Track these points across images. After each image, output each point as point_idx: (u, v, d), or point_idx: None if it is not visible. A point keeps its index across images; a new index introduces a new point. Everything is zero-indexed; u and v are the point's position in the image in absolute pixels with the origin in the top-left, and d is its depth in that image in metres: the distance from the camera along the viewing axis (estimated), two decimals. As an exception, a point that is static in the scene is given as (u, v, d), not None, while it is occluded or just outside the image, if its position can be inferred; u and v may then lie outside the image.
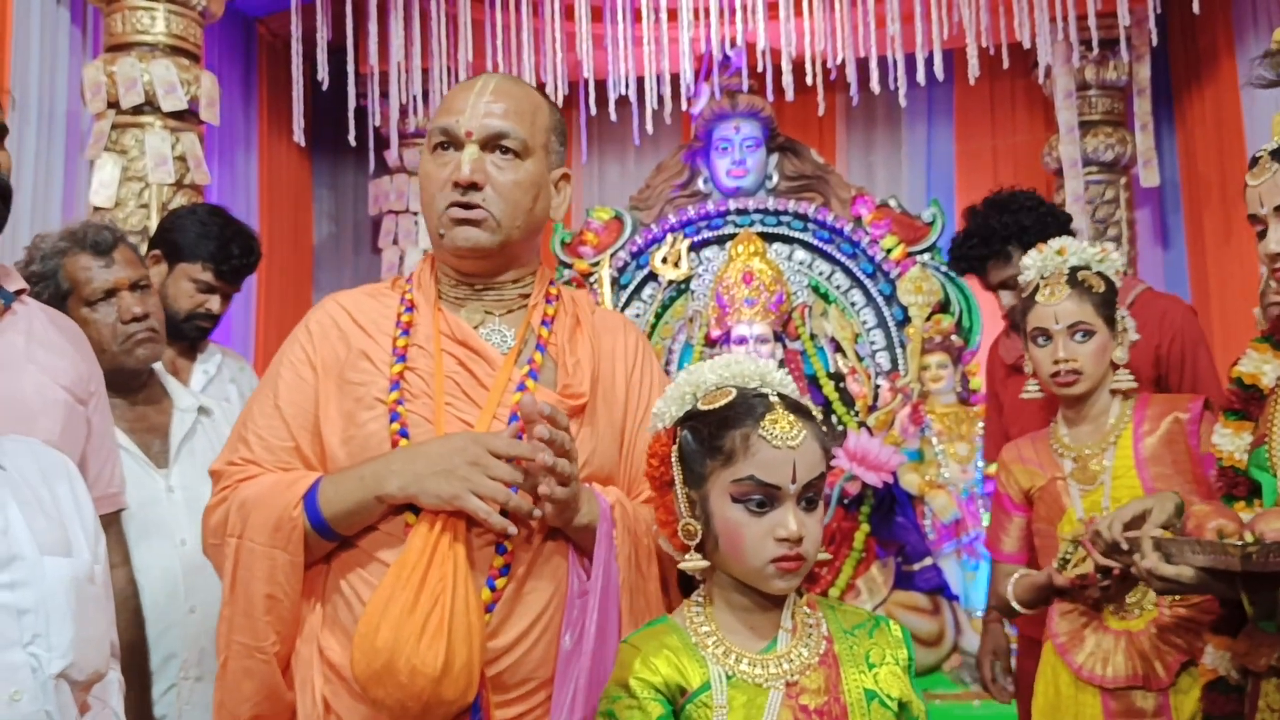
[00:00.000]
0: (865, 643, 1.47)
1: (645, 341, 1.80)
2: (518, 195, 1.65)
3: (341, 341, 1.67)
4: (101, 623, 1.53)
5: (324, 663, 1.57)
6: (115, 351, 2.33)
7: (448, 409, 1.60)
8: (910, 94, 4.76)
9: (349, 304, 1.72)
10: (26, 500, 1.49)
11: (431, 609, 1.46)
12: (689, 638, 1.44)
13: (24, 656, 1.39)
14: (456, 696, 1.46)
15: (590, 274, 4.85)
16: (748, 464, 1.39)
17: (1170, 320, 2.84)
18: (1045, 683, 2.27)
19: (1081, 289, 2.26)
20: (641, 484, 1.68)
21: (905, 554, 4.29)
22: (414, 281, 1.74)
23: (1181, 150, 5.58)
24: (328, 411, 1.63)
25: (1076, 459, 2.27)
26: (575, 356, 1.68)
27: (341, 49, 4.70)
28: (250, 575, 1.57)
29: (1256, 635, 1.82)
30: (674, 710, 1.40)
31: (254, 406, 1.69)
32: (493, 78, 1.70)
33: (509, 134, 1.64)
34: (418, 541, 1.51)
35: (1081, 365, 2.23)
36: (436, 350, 1.64)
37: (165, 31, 4.21)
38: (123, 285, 2.34)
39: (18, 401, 1.81)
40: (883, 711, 1.42)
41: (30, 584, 1.42)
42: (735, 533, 1.40)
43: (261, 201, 5.30)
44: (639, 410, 1.71)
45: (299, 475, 1.61)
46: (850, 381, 4.60)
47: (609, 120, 4.91)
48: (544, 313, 1.71)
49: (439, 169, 1.65)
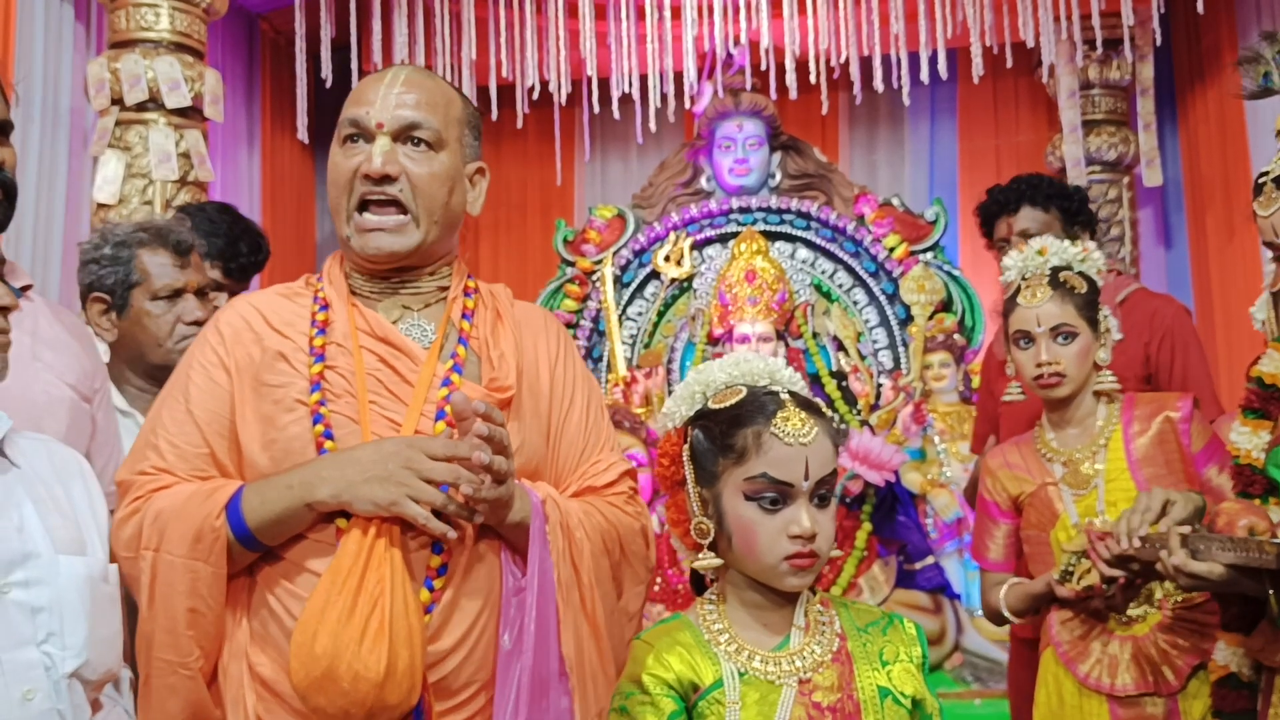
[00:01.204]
0: (879, 640, 1.47)
1: (566, 334, 1.78)
2: (433, 187, 1.61)
3: (255, 343, 1.61)
4: (115, 622, 1.52)
5: (255, 679, 1.52)
6: (168, 349, 2.35)
7: (372, 408, 1.55)
8: (913, 93, 4.76)
9: (260, 304, 1.66)
10: (41, 498, 1.49)
11: (371, 613, 1.43)
12: (702, 635, 1.44)
13: (38, 655, 1.39)
14: (400, 700, 1.44)
15: (593, 272, 4.86)
16: (760, 461, 1.39)
17: (1161, 319, 2.83)
18: (1047, 691, 2.23)
19: (1063, 290, 2.22)
20: (570, 477, 1.67)
21: (907, 553, 4.29)
22: (325, 278, 1.68)
23: (1184, 150, 5.57)
24: (244, 415, 1.57)
25: (1066, 463, 2.24)
26: (499, 349, 1.64)
27: (345, 46, 4.69)
28: (171, 590, 1.50)
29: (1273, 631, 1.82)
30: (686, 707, 1.40)
31: (163, 412, 1.61)
32: (403, 69, 1.66)
33: (422, 124, 1.60)
34: (351, 546, 1.47)
35: (1064, 368, 2.20)
36: (355, 348, 1.59)
37: (169, 28, 4.21)
38: (191, 288, 2.39)
39: (24, 400, 1.81)
40: (896, 709, 1.42)
41: (45, 582, 1.42)
42: (748, 530, 1.40)
43: (265, 198, 5.30)
44: (564, 402, 1.68)
45: (218, 484, 1.54)
46: (852, 380, 4.60)
47: (612, 118, 4.90)
48: (464, 306, 1.67)
49: (347, 160, 1.60)
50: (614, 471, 1.69)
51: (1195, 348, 2.83)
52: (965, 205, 5.83)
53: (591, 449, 1.70)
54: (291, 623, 1.48)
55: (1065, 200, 2.91)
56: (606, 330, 4.81)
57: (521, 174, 6.33)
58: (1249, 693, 1.90)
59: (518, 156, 6.16)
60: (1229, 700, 1.93)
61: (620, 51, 4.73)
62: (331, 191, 1.64)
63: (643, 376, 4.64)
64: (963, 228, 5.75)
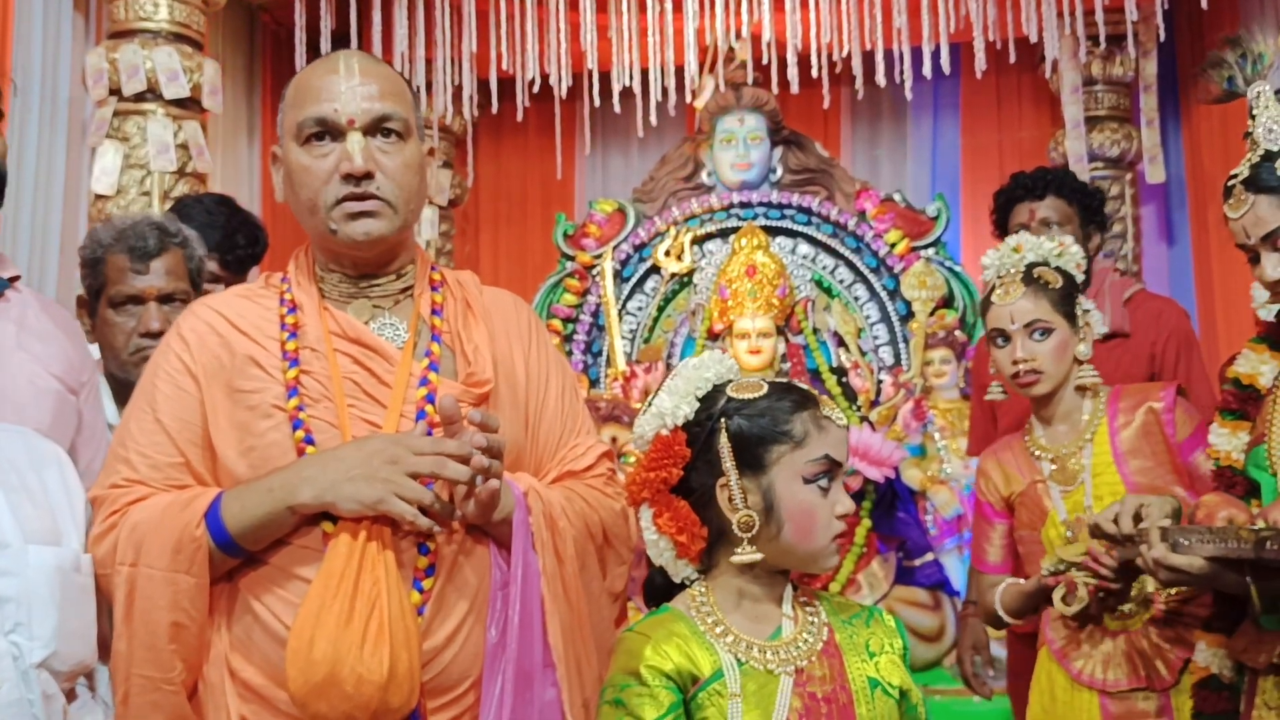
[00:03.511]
0: (863, 632, 1.47)
1: (536, 318, 1.76)
2: (408, 178, 1.59)
3: (223, 348, 1.57)
4: (88, 613, 1.51)
5: (238, 684, 1.49)
6: (123, 360, 2.23)
7: (351, 410, 1.53)
8: (916, 88, 4.74)
9: (223, 307, 1.62)
10: (14, 488, 1.47)
11: (369, 616, 1.41)
12: (696, 625, 1.43)
13: (5, 645, 1.38)
14: (402, 702, 1.43)
15: (593, 266, 4.84)
16: (821, 443, 1.42)
17: (1165, 321, 2.83)
18: (1040, 689, 2.23)
19: (1037, 286, 2.20)
20: (549, 463, 1.66)
21: (906, 549, 4.28)
22: (290, 280, 1.64)
23: (1187, 147, 5.56)
24: (218, 422, 1.54)
25: (1055, 460, 2.22)
26: (473, 342, 1.62)
27: (345, 38, 4.68)
28: (151, 604, 1.46)
29: (1256, 632, 1.81)
30: (684, 699, 1.38)
31: (130, 424, 1.57)
32: (353, 56, 1.62)
33: (392, 116, 1.58)
34: (342, 549, 1.45)
35: (1041, 364, 2.18)
36: (329, 351, 1.56)
37: (168, 18, 4.20)
38: (150, 295, 2.22)
39: (7, 390, 1.80)
40: (885, 699, 1.43)
41: (13, 572, 1.41)
42: (808, 514, 1.42)
43: (263, 191, 5.29)
44: (540, 389, 1.67)
45: (195, 493, 1.51)
46: (853, 376, 4.58)
47: (613, 112, 4.89)
48: (432, 301, 1.65)
49: (318, 161, 1.56)
50: (592, 455, 1.68)
51: (1197, 350, 2.84)
52: (967, 201, 5.83)
53: (569, 433, 1.69)
54: (280, 628, 1.46)
55: (1087, 197, 2.92)
56: (606, 325, 4.80)
57: (522, 168, 6.32)
58: (1230, 694, 1.89)
59: (518, 150, 6.15)
60: (1210, 702, 1.92)
61: (621, 45, 4.71)
62: (302, 194, 1.59)
63: (642, 371, 4.63)
64: (965, 224, 5.74)
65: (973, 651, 2.81)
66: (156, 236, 2.27)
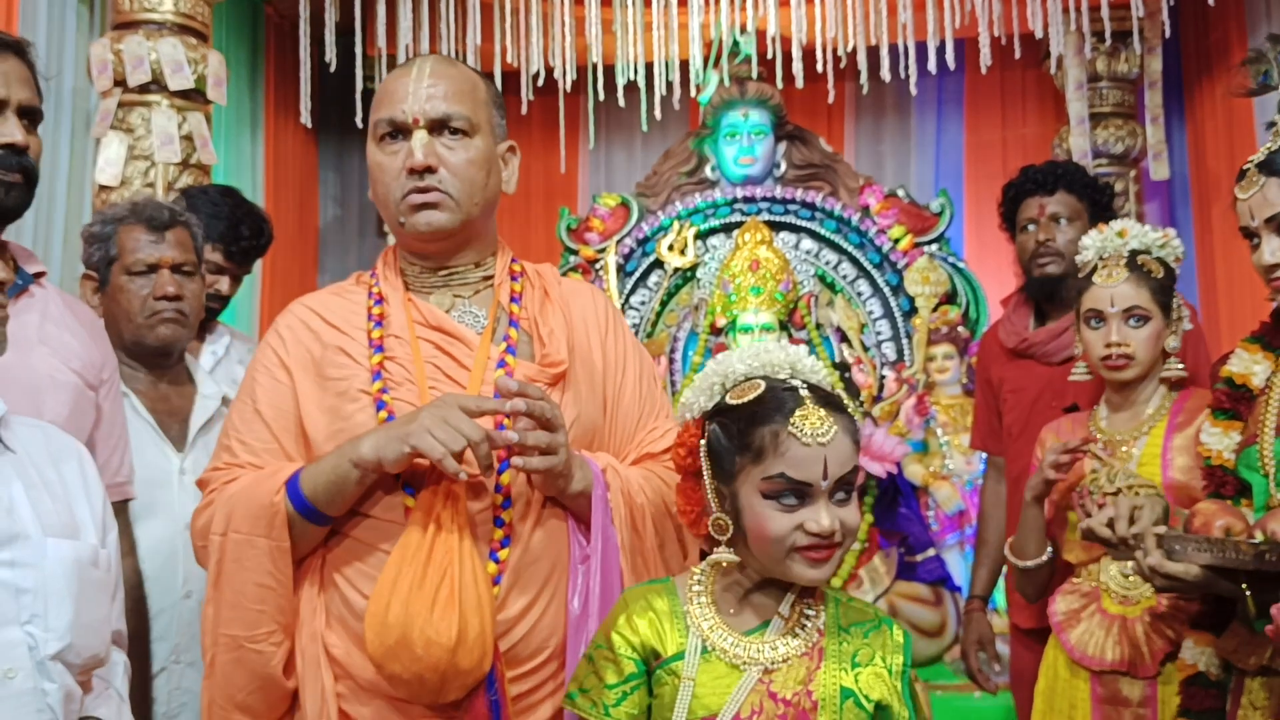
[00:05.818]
0: (857, 641, 1.45)
1: (614, 307, 1.85)
2: (472, 173, 1.69)
3: (314, 340, 1.70)
4: (104, 607, 1.53)
5: (329, 660, 1.60)
6: (139, 324, 2.37)
7: (433, 393, 1.62)
8: (920, 83, 4.72)
9: (316, 304, 1.76)
10: (33, 482, 1.49)
11: (440, 582, 1.50)
12: (680, 604, 1.45)
13: (20, 635, 1.40)
14: (473, 666, 1.49)
15: (596, 260, 4.84)
16: (778, 461, 1.37)
17: None
18: (1047, 665, 2.28)
19: (1140, 273, 2.22)
20: (629, 446, 1.74)
21: (908, 545, 4.29)
22: (378, 275, 1.77)
23: (1192, 144, 5.54)
24: (309, 409, 1.66)
25: (1108, 443, 2.26)
26: (549, 326, 1.72)
27: (349, 31, 4.67)
28: (238, 567, 1.58)
29: (1246, 633, 1.81)
30: (647, 670, 1.42)
31: (234, 415, 1.72)
32: (427, 60, 1.73)
33: (454, 115, 1.68)
34: (420, 520, 1.54)
35: (1134, 350, 2.21)
36: (413, 338, 1.68)
37: (173, 10, 4.19)
38: (165, 263, 2.38)
39: (27, 380, 1.81)
40: (857, 711, 1.41)
41: (31, 564, 1.43)
42: (762, 529, 1.39)
43: (267, 183, 5.28)
44: (618, 374, 1.75)
45: (280, 466, 1.63)
46: (856, 372, 4.58)
47: (617, 106, 4.88)
48: (511, 289, 1.76)
49: (390, 159, 1.68)
50: (670, 438, 1.72)
51: (1204, 345, 2.85)
52: (971, 197, 5.82)
53: (647, 417, 1.77)
54: (361, 600, 1.56)
55: (1097, 193, 2.93)
56: (609, 319, 4.80)
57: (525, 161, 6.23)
58: (1218, 692, 1.91)
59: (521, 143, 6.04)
60: (1197, 699, 1.94)
61: (625, 39, 4.70)
62: (378, 190, 1.71)
63: (645, 365, 4.64)
64: (968, 220, 5.73)
65: (977, 646, 2.82)
66: (168, 212, 2.45)
